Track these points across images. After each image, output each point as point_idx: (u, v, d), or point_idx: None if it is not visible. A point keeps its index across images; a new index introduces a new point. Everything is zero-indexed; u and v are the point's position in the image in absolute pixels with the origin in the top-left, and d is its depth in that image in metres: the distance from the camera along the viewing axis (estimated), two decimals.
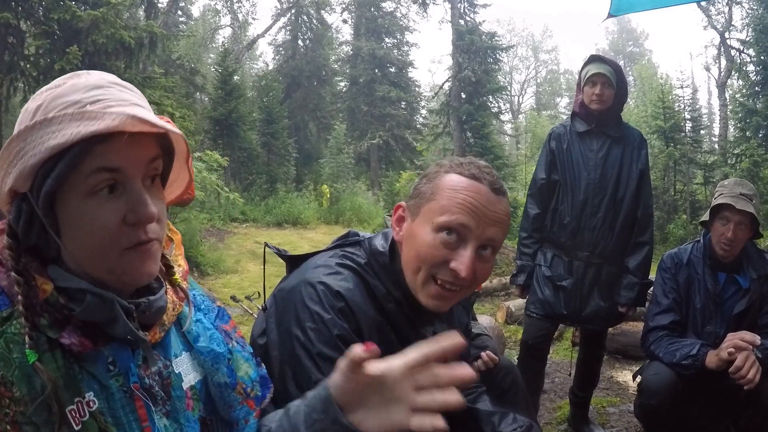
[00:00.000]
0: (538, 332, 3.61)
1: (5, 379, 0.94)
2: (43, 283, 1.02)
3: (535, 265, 3.62)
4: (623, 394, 4.67)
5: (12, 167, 1.00)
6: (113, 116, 0.95)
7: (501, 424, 1.93)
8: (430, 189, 1.54)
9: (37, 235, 1.03)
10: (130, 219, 1.02)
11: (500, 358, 2.60)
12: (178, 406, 1.17)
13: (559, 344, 5.96)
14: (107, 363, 1.06)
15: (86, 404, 1.01)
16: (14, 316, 0.99)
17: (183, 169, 1.21)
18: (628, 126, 3.63)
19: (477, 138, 19.38)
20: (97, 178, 0.99)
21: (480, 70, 20.36)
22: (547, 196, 3.60)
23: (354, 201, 16.90)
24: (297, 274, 1.69)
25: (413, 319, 1.68)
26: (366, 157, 25.83)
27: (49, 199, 0.99)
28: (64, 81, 1.05)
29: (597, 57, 3.53)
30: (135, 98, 1.06)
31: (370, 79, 26.33)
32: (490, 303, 7.76)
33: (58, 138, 0.95)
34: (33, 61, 9.67)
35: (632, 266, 3.44)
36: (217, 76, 19.91)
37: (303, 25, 28.74)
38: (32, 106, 1.02)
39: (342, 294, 1.56)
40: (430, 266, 1.51)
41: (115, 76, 1.09)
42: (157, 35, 10.05)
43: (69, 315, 1.02)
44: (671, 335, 3.03)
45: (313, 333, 1.52)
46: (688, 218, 15.51)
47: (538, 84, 60.31)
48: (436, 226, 1.49)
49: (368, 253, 1.70)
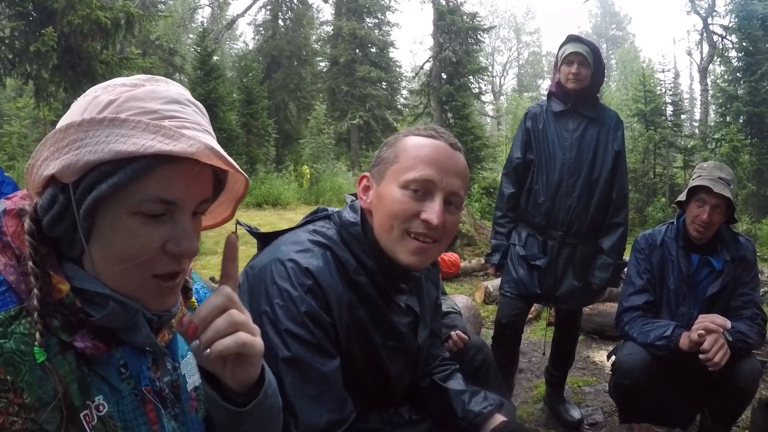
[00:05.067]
0: (512, 311, 3.62)
1: (15, 384, 0.90)
2: (59, 282, 0.96)
3: (510, 245, 3.62)
4: (599, 374, 4.71)
5: (61, 153, 0.92)
6: (191, 142, 0.90)
7: (471, 402, 1.93)
8: (393, 153, 1.63)
9: (63, 230, 0.96)
10: (170, 248, 0.98)
11: (470, 336, 2.61)
12: (185, 408, 1.16)
13: (536, 324, 6.00)
14: (119, 366, 1.04)
15: (95, 408, 0.99)
16: (22, 315, 0.93)
17: (226, 205, 1.17)
18: (605, 107, 3.62)
19: (457, 118, 19.37)
20: (152, 205, 0.94)
21: (461, 51, 20.31)
22: (522, 175, 3.60)
23: (334, 181, 16.84)
24: (268, 252, 1.71)
25: (384, 289, 1.71)
26: (346, 137, 25.77)
27: (95, 204, 0.93)
28: (141, 83, 0.99)
29: (575, 37, 3.52)
30: (206, 124, 1.02)
31: (350, 59, 26.20)
32: (468, 283, 7.78)
33: (127, 145, 0.89)
34: (8, 44, 9.49)
35: (606, 247, 3.45)
36: (196, 57, 19.69)
37: (283, 5, 28.46)
38: (104, 98, 0.95)
39: (311, 271, 1.59)
40: (402, 221, 1.57)
41: (189, 93, 1.04)
42: (134, 15, 9.89)
43: (84, 319, 0.97)
44: (645, 316, 3.05)
45: (281, 310, 1.54)
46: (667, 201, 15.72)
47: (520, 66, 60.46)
48: (403, 183, 1.56)
49: (339, 226, 1.73)
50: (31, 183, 0.99)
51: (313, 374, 1.53)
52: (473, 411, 1.90)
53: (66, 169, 0.91)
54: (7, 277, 0.95)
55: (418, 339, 1.87)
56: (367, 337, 1.70)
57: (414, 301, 1.86)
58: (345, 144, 25.99)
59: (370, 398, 1.79)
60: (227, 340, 0.96)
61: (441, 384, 2.00)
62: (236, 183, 1.12)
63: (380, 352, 1.73)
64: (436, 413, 1.99)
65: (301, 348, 1.52)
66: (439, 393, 1.99)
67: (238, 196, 1.14)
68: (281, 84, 25.98)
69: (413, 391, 2.00)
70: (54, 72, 9.54)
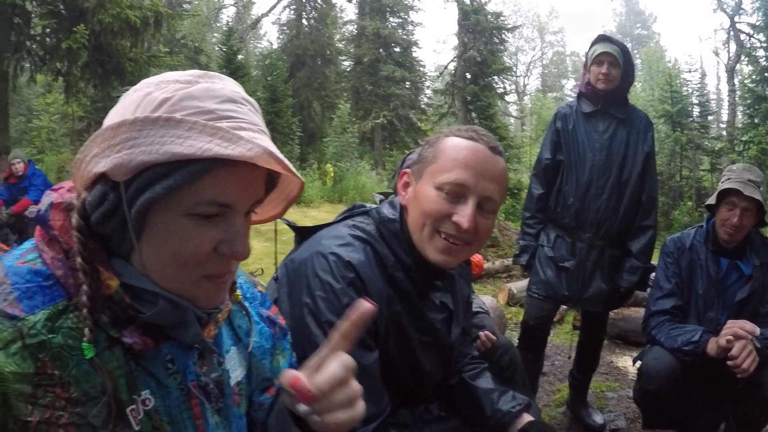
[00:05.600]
0: (539, 313, 3.60)
1: (62, 379, 0.91)
2: (109, 278, 0.95)
3: (538, 246, 3.61)
4: (622, 380, 4.67)
5: (113, 151, 0.90)
6: (249, 146, 0.88)
7: (500, 401, 1.94)
8: (432, 152, 1.63)
9: (113, 227, 0.95)
10: (223, 250, 0.97)
11: (498, 336, 2.61)
12: (228, 403, 1.16)
13: (560, 327, 5.96)
14: (165, 361, 1.04)
15: (142, 402, 0.99)
16: (70, 310, 0.94)
17: (276, 203, 1.15)
18: (635, 108, 3.58)
19: (482, 119, 19.26)
20: (207, 207, 0.93)
21: (485, 50, 20.19)
22: (551, 176, 3.58)
23: (358, 180, 16.89)
24: (308, 246, 1.73)
25: (421, 285, 1.74)
26: (370, 136, 25.79)
27: (148, 204, 0.91)
28: (196, 79, 0.97)
29: (604, 37, 3.49)
30: (261, 122, 1.00)
31: (374, 58, 26.22)
32: (491, 284, 7.76)
33: (184, 147, 0.87)
34: (39, 41, 9.63)
35: (635, 250, 3.41)
36: (222, 56, 19.85)
37: (307, 4, 28.54)
38: (157, 95, 0.93)
39: (353, 265, 1.62)
40: (433, 220, 1.59)
41: (243, 90, 1.02)
42: (162, 14, 10.00)
43: (133, 315, 0.97)
44: (673, 320, 3.01)
45: (322, 302, 1.57)
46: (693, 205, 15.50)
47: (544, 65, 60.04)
48: (438, 184, 1.57)
49: (377, 222, 1.75)
50: (78, 178, 0.97)
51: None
52: (501, 410, 1.91)
53: (118, 168, 0.90)
54: (55, 272, 0.95)
55: (452, 336, 1.89)
56: (404, 331, 1.72)
57: (448, 298, 1.88)
58: (369, 143, 26.01)
59: (402, 394, 1.80)
60: (343, 416, 0.94)
61: (470, 382, 2.01)
62: (290, 184, 1.11)
63: (415, 348, 1.75)
64: (465, 411, 2.00)
65: None
66: (468, 391, 2.00)
67: (291, 197, 1.13)
68: (305, 83, 26.07)
69: (442, 388, 2.01)
70: (84, 69, 9.67)
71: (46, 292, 0.94)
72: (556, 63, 60.71)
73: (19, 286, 0.93)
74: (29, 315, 0.91)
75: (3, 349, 0.87)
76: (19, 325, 0.89)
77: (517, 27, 29.27)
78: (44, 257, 0.97)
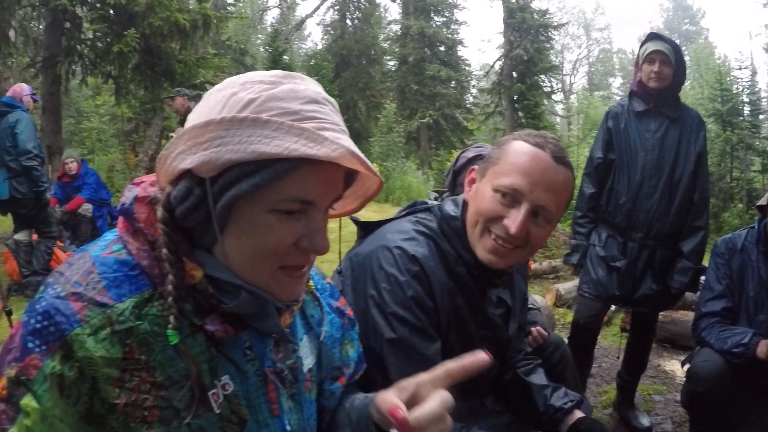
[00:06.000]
0: (590, 312, 3.60)
1: (148, 364, 0.96)
2: (193, 268, 0.99)
3: (589, 245, 3.60)
4: (670, 383, 4.61)
5: (199, 149, 0.93)
6: (334, 146, 0.91)
7: (552, 397, 1.96)
8: (498, 154, 1.65)
9: (196, 221, 0.99)
10: (303, 244, 1.00)
11: (549, 333, 2.62)
12: (301, 389, 1.21)
13: (608, 329, 5.89)
14: (244, 348, 1.08)
15: (222, 387, 1.04)
16: (155, 298, 0.99)
17: (352, 200, 1.18)
18: (687, 107, 3.55)
19: (529, 118, 19.14)
20: (290, 204, 0.96)
21: (532, 49, 20.06)
22: (603, 175, 3.57)
23: (404, 180, 16.88)
24: (373, 240, 1.78)
25: (481, 281, 1.77)
26: (416, 136, 25.79)
27: (233, 200, 0.94)
28: (279, 80, 0.99)
29: (656, 35, 3.48)
30: (341, 122, 1.02)
31: (419, 57, 26.22)
32: (539, 285, 7.70)
33: (270, 147, 0.89)
34: (90, 45, 9.86)
35: (686, 250, 3.39)
36: (268, 57, 20.07)
37: (351, 4, 28.71)
38: (243, 96, 0.95)
39: (418, 258, 1.66)
40: (485, 220, 1.63)
41: (323, 91, 1.04)
42: (210, 17, 10.15)
43: (216, 304, 1.01)
44: (723, 322, 2.97)
45: (387, 294, 1.61)
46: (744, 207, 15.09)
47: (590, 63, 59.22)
48: (496, 185, 1.60)
49: (439, 219, 1.79)
50: (162, 173, 1.01)
51: (416, 356, 1.58)
52: (554, 406, 1.93)
53: (204, 165, 0.92)
54: (141, 262, 1.00)
55: (509, 330, 1.92)
56: (464, 325, 1.75)
57: (506, 294, 1.91)
58: (414, 142, 26.02)
59: (458, 386, 1.82)
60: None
61: (524, 378, 2.03)
62: (368, 181, 1.14)
63: (474, 341, 1.78)
64: (518, 406, 2.02)
65: (405, 330, 1.58)
66: (522, 386, 2.02)
67: (369, 195, 1.16)
68: (351, 83, 26.23)
69: (497, 383, 2.04)
70: (134, 71, 9.87)
71: (133, 281, 0.98)
72: (603, 61, 59.84)
73: (107, 275, 0.98)
74: (117, 303, 0.96)
75: (93, 335, 0.93)
76: (108, 312, 0.94)
77: (563, 24, 28.99)
78: (129, 248, 1.01)
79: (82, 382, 0.92)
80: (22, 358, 0.93)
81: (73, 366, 0.92)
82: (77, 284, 0.96)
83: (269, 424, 1.12)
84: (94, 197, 8.36)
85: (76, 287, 0.96)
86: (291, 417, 1.17)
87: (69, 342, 0.92)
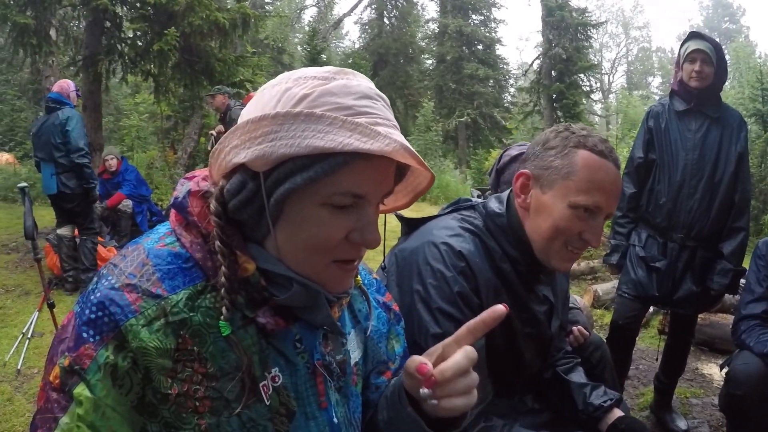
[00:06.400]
0: (629, 313, 3.59)
1: (200, 355, 0.98)
2: (246, 261, 1.00)
3: (629, 245, 3.59)
4: (707, 387, 4.56)
5: (254, 144, 0.94)
6: (387, 141, 0.91)
7: (592, 395, 1.96)
8: (566, 166, 1.63)
9: (249, 214, 1.00)
10: (354, 238, 1.00)
11: (590, 332, 2.62)
12: (348, 382, 1.22)
13: (646, 331, 5.82)
14: (294, 340, 1.10)
15: (271, 379, 1.06)
16: (208, 290, 1.00)
17: (402, 195, 1.18)
18: (728, 106, 3.51)
19: (568, 117, 18.91)
20: (343, 198, 0.96)
21: (570, 48, 19.84)
22: (643, 175, 3.55)
23: (441, 179, 16.79)
24: (418, 236, 1.80)
25: (526, 277, 1.78)
26: (454, 135, 25.75)
27: (287, 194, 0.95)
28: (332, 75, 1.00)
29: (697, 34, 3.45)
30: (392, 117, 1.03)
31: (457, 56, 26.18)
32: (576, 286, 7.63)
33: (324, 141, 0.90)
34: (131, 44, 9.99)
35: (727, 252, 3.35)
36: (305, 55, 20.18)
37: (389, 3, 28.74)
38: (297, 91, 0.96)
39: (464, 254, 1.68)
40: (566, 237, 1.65)
41: (375, 86, 1.05)
42: (250, 16, 10.22)
43: (268, 297, 1.02)
44: (763, 325, 2.93)
45: (433, 289, 1.63)
46: None
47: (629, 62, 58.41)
48: (574, 203, 1.61)
49: (484, 216, 1.81)
50: (216, 166, 1.02)
51: None
52: (593, 404, 1.94)
53: (259, 159, 0.93)
54: (194, 255, 1.02)
55: (552, 328, 1.93)
56: (508, 321, 1.75)
57: (549, 291, 1.92)
58: (452, 141, 25.97)
59: (499, 383, 1.84)
60: (459, 402, 0.99)
61: (563, 376, 2.04)
62: (418, 177, 1.14)
63: (518, 338, 1.80)
64: (557, 404, 2.03)
65: (451, 325, 1.58)
66: (561, 385, 2.03)
67: (419, 190, 1.17)
68: (388, 81, 26.28)
69: (537, 381, 2.05)
70: (174, 70, 9.98)
71: (186, 273, 1.01)
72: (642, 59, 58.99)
73: (161, 267, 1.00)
74: (171, 294, 0.98)
75: (147, 325, 0.95)
76: (162, 304, 0.97)
77: (602, 23, 28.64)
78: (183, 241, 1.03)
79: (135, 372, 0.94)
80: (76, 348, 0.94)
81: (127, 356, 0.94)
82: (132, 276, 0.98)
83: (317, 416, 1.13)
84: (133, 193, 8.44)
85: (130, 279, 0.98)
86: (338, 410, 1.18)
87: (123, 332, 0.94)
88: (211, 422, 0.99)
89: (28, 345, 4.69)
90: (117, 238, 7.98)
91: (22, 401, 4.02)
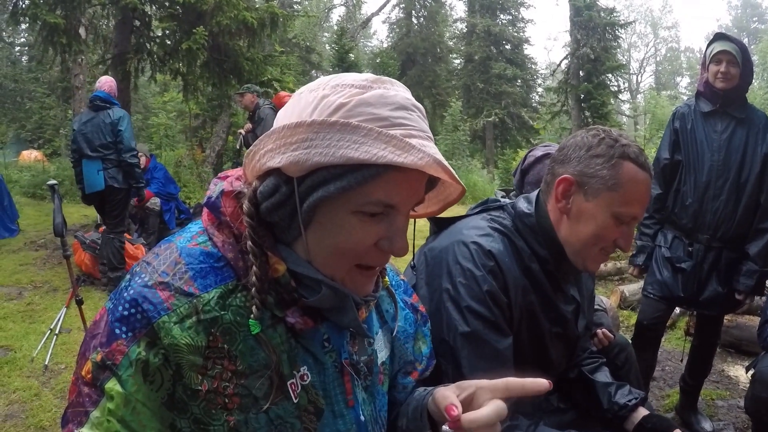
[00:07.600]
0: (654, 313, 3.60)
1: (230, 353, 1.00)
2: (276, 262, 1.02)
3: (655, 246, 3.59)
4: (733, 389, 4.52)
5: (289, 149, 0.95)
6: (420, 154, 0.92)
7: (617, 394, 1.98)
8: (613, 178, 1.63)
9: (281, 216, 1.01)
10: (384, 245, 1.02)
11: (615, 335, 2.62)
12: (375, 381, 1.25)
13: (672, 333, 5.78)
14: (323, 340, 1.13)
15: (300, 377, 1.09)
16: (238, 289, 1.02)
17: (433, 203, 1.20)
18: (754, 108, 3.48)
19: (596, 117, 18.72)
20: (374, 207, 0.98)
21: (598, 47, 19.65)
22: (669, 176, 3.55)
23: (469, 178, 16.77)
24: (448, 235, 1.82)
25: (554, 276, 1.80)
26: (481, 134, 25.69)
27: (319, 200, 0.96)
28: (370, 84, 1.01)
29: (722, 35, 3.43)
30: (427, 128, 1.03)
31: (485, 56, 26.12)
32: (603, 287, 7.58)
33: (359, 152, 0.90)
34: (159, 43, 10.09)
35: (753, 253, 3.33)
36: (334, 54, 20.23)
37: (417, 2, 28.72)
38: (333, 99, 0.97)
39: (493, 254, 1.69)
40: (604, 242, 1.68)
41: (412, 96, 1.06)
42: (278, 15, 10.26)
43: (297, 298, 1.04)
44: None
45: (463, 288, 1.64)
46: None
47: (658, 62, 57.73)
48: (617, 213, 1.64)
49: (513, 216, 1.83)
50: (250, 168, 1.04)
51: (488, 350, 1.61)
52: (618, 403, 1.96)
53: (293, 165, 0.94)
54: (226, 254, 1.04)
55: (578, 327, 1.94)
56: (536, 321, 1.78)
57: (575, 291, 1.93)
58: (480, 141, 25.90)
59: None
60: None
61: (588, 376, 2.06)
62: (449, 188, 1.16)
63: (545, 337, 1.82)
64: (582, 403, 2.05)
65: (480, 324, 1.61)
66: (587, 384, 2.05)
67: (450, 200, 1.18)
68: (416, 80, 26.27)
69: (562, 380, 2.06)
70: (203, 68, 10.06)
71: (218, 272, 1.03)
72: (670, 60, 58.32)
73: (194, 266, 1.02)
74: (203, 293, 1.00)
75: (179, 323, 0.97)
76: (194, 302, 0.99)
77: (631, 23, 28.37)
78: (215, 240, 1.06)
79: (166, 368, 0.97)
80: (109, 344, 0.97)
81: (158, 352, 0.96)
82: (164, 274, 1.01)
83: (344, 414, 1.15)
84: (162, 191, 8.49)
85: (163, 277, 1.00)
86: (365, 408, 1.20)
87: (155, 329, 0.96)
88: (240, 419, 1.01)
89: (56, 341, 4.72)
90: (145, 235, 8.04)
91: (49, 396, 4.07)
